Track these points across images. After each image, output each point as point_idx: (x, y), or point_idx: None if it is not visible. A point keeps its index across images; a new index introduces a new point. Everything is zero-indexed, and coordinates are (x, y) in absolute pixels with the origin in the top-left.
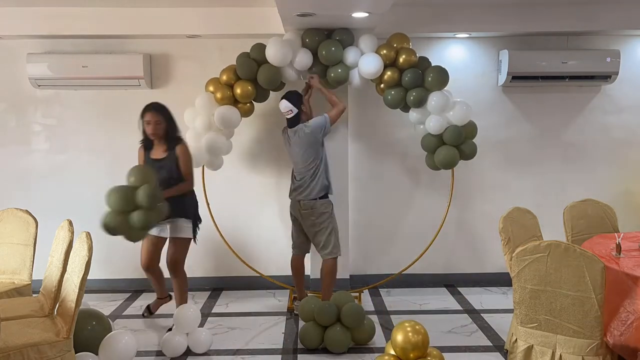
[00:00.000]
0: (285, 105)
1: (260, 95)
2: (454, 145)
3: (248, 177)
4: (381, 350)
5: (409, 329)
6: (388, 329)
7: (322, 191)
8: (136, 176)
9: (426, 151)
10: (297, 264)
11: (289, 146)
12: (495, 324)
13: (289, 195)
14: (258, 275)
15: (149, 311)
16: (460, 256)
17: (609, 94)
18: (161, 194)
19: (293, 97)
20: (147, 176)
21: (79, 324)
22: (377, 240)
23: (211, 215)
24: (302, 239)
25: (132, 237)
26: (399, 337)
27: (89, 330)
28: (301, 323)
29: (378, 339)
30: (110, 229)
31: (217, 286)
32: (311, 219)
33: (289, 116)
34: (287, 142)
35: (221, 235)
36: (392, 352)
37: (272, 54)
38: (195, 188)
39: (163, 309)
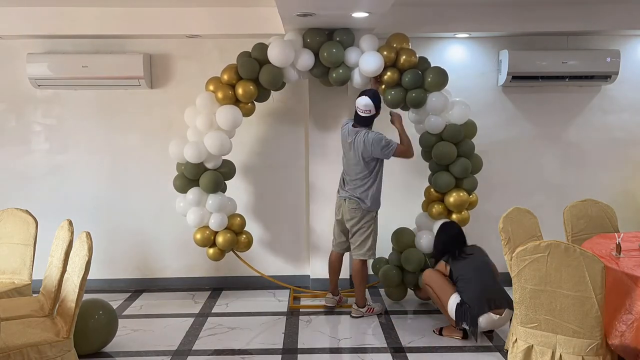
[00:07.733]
0: (366, 103)
1: (262, 95)
2: (453, 143)
3: (248, 177)
4: (381, 350)
5: None
6: (388, 328)
7: (368, 202)
8: None
9: (424, 149)
10: (333, 259)
11: (346, 144)
12: None
13: (337, 193)
14: (258, 275)
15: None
16: None
17: (609, 94)
18: None
19: (377, 99)
20: None
21: (86, 314)
22: (377, 239)
23: None
24: (344, 239)
25: None
26: None
27: (95, 319)
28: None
29: (378, 338)
30: None
31: (217, 286)
32: (354, 219)
33: (364, 115)
34: (345, 139)
35: None
36: None
37: (276, 55)
38: None
39: (169, 308)
